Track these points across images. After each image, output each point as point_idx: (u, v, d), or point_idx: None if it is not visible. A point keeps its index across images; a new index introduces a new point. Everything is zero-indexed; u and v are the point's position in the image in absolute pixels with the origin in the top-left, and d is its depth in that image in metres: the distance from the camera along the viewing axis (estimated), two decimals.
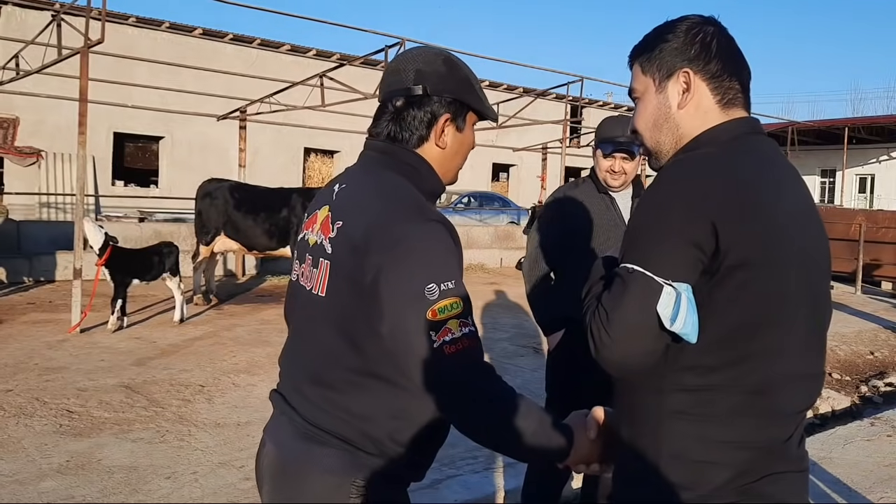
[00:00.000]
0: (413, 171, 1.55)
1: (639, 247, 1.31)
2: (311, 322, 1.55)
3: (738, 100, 1.44)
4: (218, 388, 5.53)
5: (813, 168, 28.79)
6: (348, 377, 1.48)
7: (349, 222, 1.48)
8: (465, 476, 4.06)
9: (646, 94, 1.48)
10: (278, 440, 1.58)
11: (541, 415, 1.45)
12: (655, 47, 1.45)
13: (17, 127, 16.99)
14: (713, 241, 1.25)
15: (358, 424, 1.47)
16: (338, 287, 1.47)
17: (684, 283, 1.26)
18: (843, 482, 4.16)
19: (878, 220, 14.41)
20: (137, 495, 3.65)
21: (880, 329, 9.64)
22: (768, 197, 1.31)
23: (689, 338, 1.26)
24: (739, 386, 1.30)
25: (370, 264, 1.40)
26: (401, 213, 1.43)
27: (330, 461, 1.47)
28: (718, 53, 1.42)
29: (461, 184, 23.27)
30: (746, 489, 1.31)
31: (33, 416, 4.74)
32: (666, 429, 1.34)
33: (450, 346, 1.35)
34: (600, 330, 1.30)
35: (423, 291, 1.35)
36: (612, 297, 1.31)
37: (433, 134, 1.57)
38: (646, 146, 1.51)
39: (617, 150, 3.08)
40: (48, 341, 6.83)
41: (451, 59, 1.59)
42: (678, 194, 1.30)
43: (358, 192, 1.53)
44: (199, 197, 9.38)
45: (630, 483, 1.42)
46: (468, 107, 1.59)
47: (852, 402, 6.84)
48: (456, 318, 1.36)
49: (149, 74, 15.14)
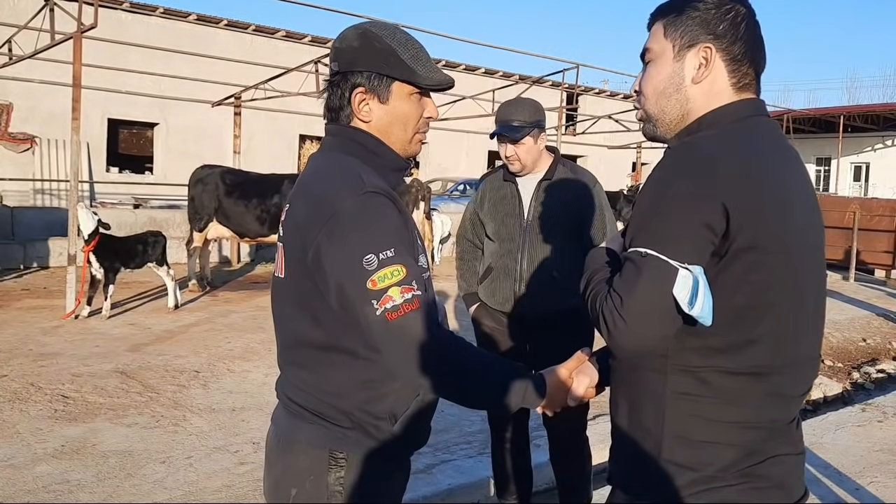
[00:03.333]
0: (360, 148, 1.57)
1: (649, 230, 1.28)
2: (278, 305, 1.62)
3: (752, 86, 1.41)
4: (213, 374, 5.54)
5: (808, 156, 28.80)
6: (313, 353, 1.54)
7: (294, 205, 1.55)
8: (459, 461, 4.08)
9: (661, 57, 1.42)
10: (275, 419, 1.69)
11: (505, 367, 1.50)
12: (684, 12, 1.39)
13: (11, 113, 16.87)
14: (724, 222, 1.23)
15: (329, 400, 1.53)
16: (291, 267, 1.53)
17: (697, 265, 1.24)
18: (834, 467, 4.19)
19: (872, 209, 14.43)
20: (132, 480, 3.67)
21: (873, 316, 9.68)
22: (775, 179, 1.30)
23: (706, 321, 1.24)
24: (744, 367, 1.29)
25: (310, 241, 1.45)
26: (336, 188, 1.47)
27: (307, 434, 1.55)
28: (745, 36, 1.38)
29: (456, 171, 23.34)
30: (750, 471, 1.31)
31: (28, 401, 4.75)
32: (670, 409, 1.33)
33: (391, 312, 1.39)
34: (614, 315, 1.27)
35: (362, 262, 1.40)
36: (626, 281, 1.27)
37: (353, 109, 1.57)
38: (646, 110, 1.46)
39: (501, 136, 3.02)
40: (43, 327, 6.82)
41: (368, 33, 1.56)
42: (687, 175, 1.27)
43: (307, 176, 1.59)
44: (191, 183, 9.37)
45: (631, 462, 1.42)
46: (390, 77, 1.55)
47: (844, 388, 6.89)
48: (397, 286, 1.40)
49: (143, 60, 15.03)
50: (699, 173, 1.26)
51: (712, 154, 1.27)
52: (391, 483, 1.63)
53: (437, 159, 23.97)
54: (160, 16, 18.20)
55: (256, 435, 4.25)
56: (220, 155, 16.34)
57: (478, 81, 21.64)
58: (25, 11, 12.62)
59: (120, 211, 12.44)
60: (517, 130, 2.99)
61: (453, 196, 19.03)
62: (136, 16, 17.80)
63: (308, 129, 21.01)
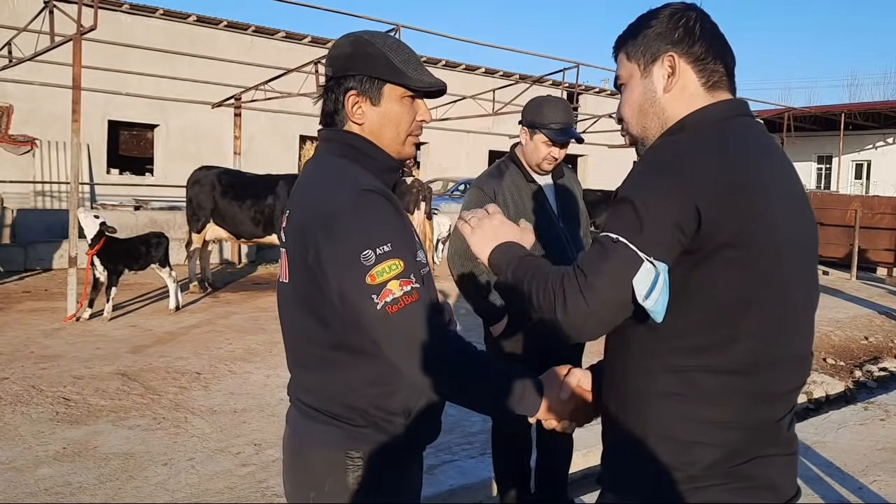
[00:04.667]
0: (351, 150, 1.61)
1: (623, 219, 1.30)
2: (284, 310, 1.65)
3: (724, 83, 1.45)
4: (214, 376, 5.54)
5: (809, 154, 28.77)
6: (322, 354, 1.56)
7: (295, 209, 1.59)
8: (461, 461, 4.08)
9: (631, 80, 1.49)
10: (290, 422, 1.68)
11: (505, 368, 1.51)
12: (639, 33, 1.46)
13: (11, 115, 16.86)
14: (695, 222, 1.25)
15: (341, 399, 1.55)
16: (295, 271, 1.56)
17: (662, 262, 1.27)
18: (837, 466, 4.19)
19: (873, 206, 14.42)
20: (134, 482, 3.67)
21: (875, 314, 9.67)
22: (754, 177, 1.31)
23: (657, 316, 1.27)
24: (728, 366, 1.30)
25: (310, 241, 1.48)
26: (332, 189, 1.52)
27: (322, 435, 1.56)
28: (702, 36, 1.43)
29: (457, 171, 23.32)
30: (735, 470, 1.31)
31: (30, 403, 4.75)
32: (654, 409, 1.34)
33: (391, 305, 1.41)
34: (575, 292, 1.28)
35: (360, 258, 1.42)
36: (593, 262, 1.30)
37: (347, 112, 1.62)
38: (631, 133, 1.52)
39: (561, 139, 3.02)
40: (44, 329, 6.83)
41: (360, 40, 1.62)
42: (663, 174, 1.30)
43: (305, 181, 1.63)
44: (189, 185, 9.38)
45: (618, 463, 1.43)
46: (382, 80, 1.60)
47: (846, 386, 6.88)
48: (396, 279, 1.42)
49: (143, 62, 15.03)
50: (674, 172, 1.29)
51: (688, 154, 1.31)
52: (410, 477, 1.66)
53: (437, 159, 23.96)
54: (160, 17, 18.18)
55: (258, 436, 4.25)
56: (221, 156, 16.33)
57: (478, 81, 21.64)
58: (25, 14, 12.62)
59: (120, 212, 12.45)
60: (576, 134, 3.09)
61: (454, 196, 19.02)
62: (136, 17, 17.79)
63: (308, 129, 21.00)
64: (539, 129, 3.02)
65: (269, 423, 4.40)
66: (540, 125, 3.02)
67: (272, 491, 3.60)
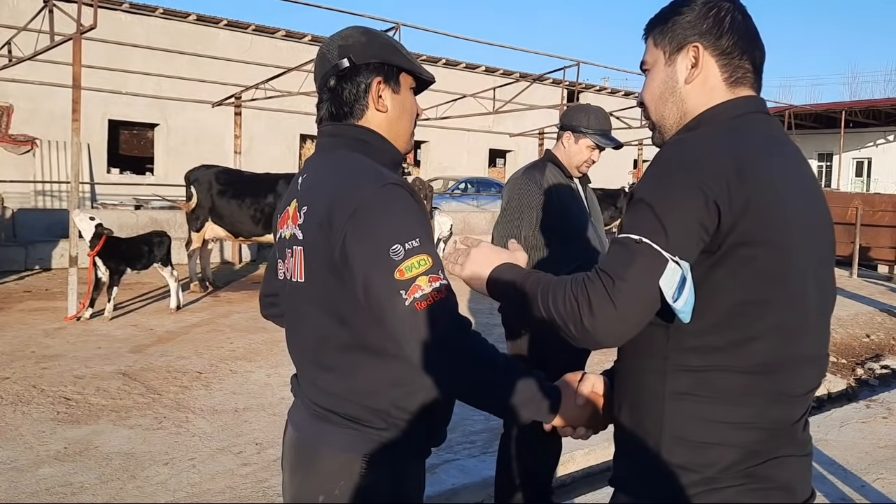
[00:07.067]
0: (363, 144, 1.58)
1: (644, 219, 1.27)
2: (298, 310, 1.59)
3: (748, 79, 1.42)
4: (215, 375, 5.54)
5: (810, 152, 28.76)
6: (342, 355, 1.51)
7: (313, 205, 1.52)
8: (463, 460, 4.07)
9: (655, 66, 1.47)
10: (296, 422, 1.63)
11: (525, 372, 1.46)
12: (669, 20, 1.44)
13: (11, 114, 16.86)
14: (715, 219, 1.23)
15: (360, 401, 1.50)
16: (314, 268, 1.51)
17: (685, 260, 1.24)
18: (839, 464, 4.18)
19: (874, 204, 14.39)
20: (135, 481, 3.66)
21: (876, 312, 9.66)
22: (771, 175, 1.29)
23: (685, 317, 1.24)
24: (745, 366, 1.28)
25: (336, 237, 1.43)
26: (357, 183, 1.47)
27: (338, 438, 1.52)
28: (731, 30, 1.39)
29: (458, 170, 23.32)
30: (752, 472, 1.29)
31: (31, 403, 4.74)
32: (669, 410, 1.32)
33: (420, 301, 1.37)
34: (602, 298, 1.23)
35: (389, 253, 1.38)
36: (618, 265, 1.25)
37: (370, 100, 1.59)
38: (650, 119, 1.50)
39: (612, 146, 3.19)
40: (45, 329, 6.82)
41: (369, 30, 1.63)
42: (681, 171, 1.27)
43: (317, 176, 1.57)
44: (187, 184, 9.37)
45: (632, 464, 1.41)
46: (398, 68, 1.60)
47: (848, 384, 6.87)
48: (425, 275, 1.38)
49: (143, 61, 15.03)
50: (691, 170, 1.26)
51: (706, 151, 1.29)
52: (419, 478, 1.64)
53: (437, 158, 23.96)
54: (160, 16, 18.17)
55: (259, 436, 4.24)
56: (221, 155, 16.33)
57: (478, 80, 21.62)
58: (25, 13, 12.62)
59: (121, 212, 12.45)
60: (619, 142, 3.28)
61: (454, 194, 19.02)
62: (136, 16, 17.78)
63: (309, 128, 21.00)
64: (585, 133, 3.17)
65: (271, 422, 4.40)
66: (587, 130, 3.17)
67: (273, 490, 3.59)
